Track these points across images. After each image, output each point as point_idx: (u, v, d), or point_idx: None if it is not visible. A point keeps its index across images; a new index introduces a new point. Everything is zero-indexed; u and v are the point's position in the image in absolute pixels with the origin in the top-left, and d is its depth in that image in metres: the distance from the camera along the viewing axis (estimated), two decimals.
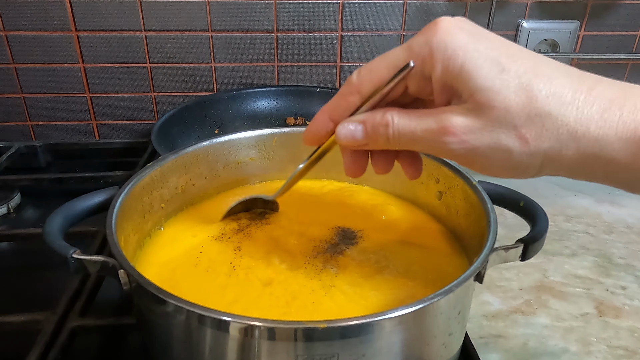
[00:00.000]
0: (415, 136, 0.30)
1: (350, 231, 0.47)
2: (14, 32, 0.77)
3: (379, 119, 0.31)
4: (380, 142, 0.32)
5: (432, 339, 0.34)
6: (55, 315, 0.45)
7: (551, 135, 0.28)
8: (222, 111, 0.81)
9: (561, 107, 0.27)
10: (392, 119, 0.31)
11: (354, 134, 0.32)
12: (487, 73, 0.28)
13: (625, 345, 0.49)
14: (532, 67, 0.28)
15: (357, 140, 0.32)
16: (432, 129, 0.29)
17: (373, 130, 0.31)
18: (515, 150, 0.28)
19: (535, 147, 0.28)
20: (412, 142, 0.31)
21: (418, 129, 0.30)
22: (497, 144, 0.28)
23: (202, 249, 0.44)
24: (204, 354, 0.31)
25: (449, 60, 0.28)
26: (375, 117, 0.31)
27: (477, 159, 0.29)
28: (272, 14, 0.80)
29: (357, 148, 0.34)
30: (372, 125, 0.31)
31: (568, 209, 0.72)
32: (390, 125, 0.31)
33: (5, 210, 0.67)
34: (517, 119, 0.27)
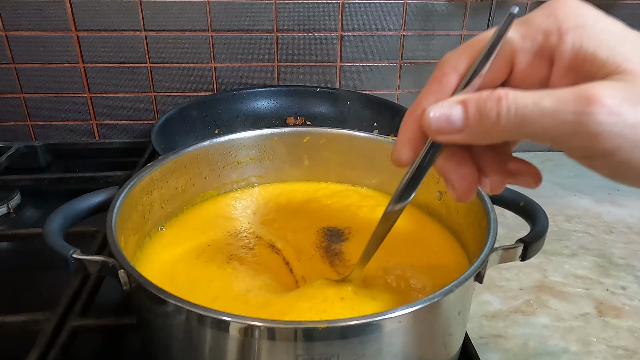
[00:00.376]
0: (541, 109, 0.22)
1: (339, 231, 0.47)
2: (14, 32, 0.77)
3: (487, 94, 0.24)
4: (487, 125, 0.24)
5: (432, 339, 0.34)
6: (55, 315, 0.45)
7: None
8: (222, 111, 0.81)
9: None
10: (507, 93, 0.23)
11: (450, 116, 0.25)
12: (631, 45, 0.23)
13: (625, 345, 0.49)
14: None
15: (452, 125, 0.25)
16: (568, 98, 0.22)
17: (478, 107, 0.24)
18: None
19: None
20: (534, 121, 0.23)
21: (546, 100, 0.22)
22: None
23: (202, 249, 0.44)
24: (204, 354, 0.31)
25: (585, 29, 0.23)
26: (482, 94, 0.24)
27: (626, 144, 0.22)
28: (272, 14, 0.80)
29: (451, 139, 0.25)
30: (477, 102, 0.24)
31: (568, 209, 0.72)
32: (504, 98, 0.23)
33: (5, 210, 0.67)
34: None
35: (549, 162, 0.88)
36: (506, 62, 0.26)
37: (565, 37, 0.24)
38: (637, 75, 0.22)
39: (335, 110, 0.82)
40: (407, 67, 0.86)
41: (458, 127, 0.25)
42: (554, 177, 0.82)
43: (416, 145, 0.28)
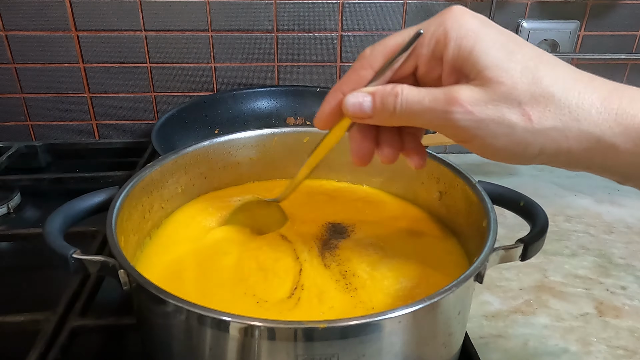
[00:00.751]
0: (422, 106, 0.30)
1: (342, 226, 0.47)
2: (14, 32, 0.77)
3: (389, 90, 0.31)
4: (387, 114, 0.32)
5: (432, 339, 0.34)
6: (55, 315, 0.45)
7: (554, 115, 0.29)
8: (222, 111, 0.80)
9: (564, 91, 0.29)
10: (402, 90, 0.31)
11: (362, 104, 0.32)
12: (496, 53, 0.29)
13: (625, 345, 0.49)
14: (537, 55, 0.30)
15: (364, 111, 0.32)
16: (440, 99, 0.30)
17: (382, 101, 0.31)
18: (518, 127, 0.29)
19: (538, 125, 0.29)
20: (418, 114, 0.31)
21: (426, 99, 0.30)
22: (502, 119, 0.29)
23: (202, 249, 0.44)
24: (204, 354, 0.31)
25: (462, 40, 0.30)
26: (386, 88, 0.32)
27: (480, 133, 0.30)
28: (272, 14, 0.80)
29: (363, 121, 0.33)
30: (382, 96, 0.31)
31: (568, 209, 0.72)
32: (399, 95, 0.31)
33: (5, 210, 0.67)
34: (522, 96, 0.29)
35: None
36: (412, 60, 0.32)
37: (448, 45, 0.30)
38: (493, 82, 0.29)
39: None
40: None
41: (368, 113, 0.32)
42: (554, 177, 0.82)
43: (334, 118, 0.35)
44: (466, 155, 0.89)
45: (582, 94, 0.29)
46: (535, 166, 0.86)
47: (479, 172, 0.83)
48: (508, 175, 0.83)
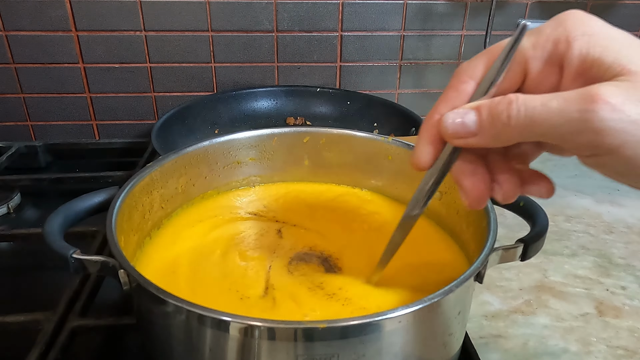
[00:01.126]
0: (549, 110, 0.24)
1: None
2: (14, 32, 0.77)
3: (499, 99, 0.26)
4: (498, 128, 0.26)
5: (432, 339, 0.34)
6: (55, 315, 0.45)
7: None
8: (222, 111, 0.81)
9: None
10: (517, 97, 0.25)
11: (464, 121, 0.27)
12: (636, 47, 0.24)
13: (625, 345, 0.49)
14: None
15: (467, 129, 0.27)
16: (573, 98, 0.24)
17: (490, 112, 0.26)
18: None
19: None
20: (543, 120, 0.24)
21: (554, 101, 0.24)
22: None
23: (202, 249, 0.44)
24: (204, 354, 0.31)
25: (591, 37, 0.25)
26: (494, 100, 0.26)
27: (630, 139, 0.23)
28: (272, 14, 0.80)
29: (466, 143, 0.27)
30: (490, 107, 0.26)
31: (568, 209, 0.72)
32: (514, 102, 0.25)
33: (5, 210, 0.67)
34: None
35: (549, 162, 0.87)
36: (519, 69, 0.27)
37: (573, 44, 0.25)
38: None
39: (335, 110, 0.82)
40: (407, 67, 0.86)
41: (472, 130, 0.27)
42: (554, 177, 0.81)
43: (435, 150, 0.29)
44: None
45: None
46: (535, 166, 0.85)
47: None
48: None
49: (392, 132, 0.74)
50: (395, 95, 0.88)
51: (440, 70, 0.88)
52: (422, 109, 0.80)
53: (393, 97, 0.88)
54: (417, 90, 0.88)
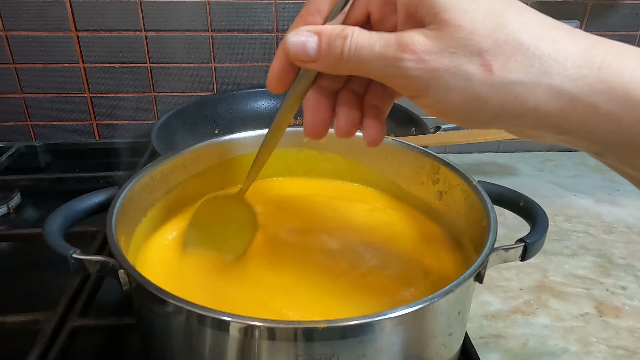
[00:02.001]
0: (372, 52, 0.26)
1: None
2: (14, 32, 0.77)
3: (339, 31, 0.27)
4: (333, 58, 0.28)
5: (432, 339, 0.34)
6: (55, 315, 0.45)
7: (520, 67, 0.25)
8: (222, 111, 0.81)
9: (535, 39, 0.25)
10: (353, 32, 0.27)
11: (306, 45, 0.28)
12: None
13: (625, 345, 0.49)
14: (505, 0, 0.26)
15: (307, 53, 0.28)
16: (392, 44, 0.26)
17: (328, 42, 0.28)
18: (476, 78, 0.25)
19: (499, 78, 0.25)
20: (368, 61, 0.27)
21: (377, 45, 0.26)
22: (458, 69, 0.25)
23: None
24: (204, 354, 0.31)
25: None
26: (335, 29, 0.28)
27: (433, 85, 0.26)
28: (272, 14, 0.80)
29: (306, 65, 0.29)
30: (329, 37, 0.28)
31: (568, 209, 0.72)
32: (349, 37, 0.27)
33: (5, 210, 0.67)
34: (483, 43, 0.25)
35: (548, 162, 0.88)
36: (362, 7, 0.29)
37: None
38: (450, 26, 0.25)
39: None
40: None
41: (312, 56, 0.28)
42: (554, 177, 0.82)
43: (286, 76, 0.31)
44: (466, 155, 0.89)
45: (558, 43, 0.25)
46: (535, 166, 0.86)
47: (479, 172, 0.83)
48: (508, 175, 0.83)
49: (392, 132, 0.74)
50: None
51: None
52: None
53: None
54: None
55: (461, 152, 0.90)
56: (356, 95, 0.33)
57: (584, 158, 0.89)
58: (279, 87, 0.31)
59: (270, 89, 0.32)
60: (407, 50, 0.26)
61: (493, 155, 0.90)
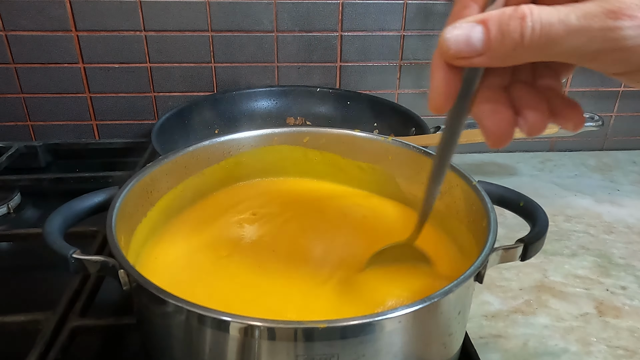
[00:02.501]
0: (569, 26, 0.22)
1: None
2: (14, 32, 0.77)
3: (511, 12, 0.23)
4: (509, 47, 0.23)
5: (432, 339, 0.34)
6: (55, 315, 0.45)
7: None
8: (222, 111, 0.80)
9: None
10: (531, 10, 0.22)
11: (470, 37, 0.23)
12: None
13: (625, 345, 0.49)
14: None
15: (472, 47, 0.23)
16: (595, 13, 0.21)
17: (500, 28, 0.23)
18: None
19: None
20: (562, 38, 0.22)
21: (572, 16, 0.22)
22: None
23: (202, 247, 0.44)
24: (204, 354, 0.31)
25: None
26: (505, 11, 0.23)
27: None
28: (272, 14, 0.80)
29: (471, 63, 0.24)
30: (500, 21, 0.23)
31: (568, 209, 0.72)
32: (528, 16, 0.22)
33: (5, 210, 0.67)
34: None
35: (549, 162, 0.88)
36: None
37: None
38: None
39: (335, 110, 0.82)
40: (407, 67, 0.86)
41: (478, 49, 0.23)
42: (554, 177, 0.82)
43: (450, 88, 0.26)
44: (466, 156, 0.89)
45: None
46: (535, 166, 0.86)
47: (479, 172, 0.83)
48: (508, 175, 0.83)
49: (392, 132, 0.74)
50: (395, 95, 0.88)
51: None
52: (422, 109, 0.80)
53: (393, 97, 0.88)
54: (417, 90, 0.88)
55: (461, 152, 0.90)
56: (528, 85, 0.28)
57: (584, 158, 0.90)
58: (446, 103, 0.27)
59: (436, 110, 0.27)
60: (622, 17, 0.21)
61: (493, 155, 0.90)
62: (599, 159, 0.89)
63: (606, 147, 0.94)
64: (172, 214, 0.48)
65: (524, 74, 0.28)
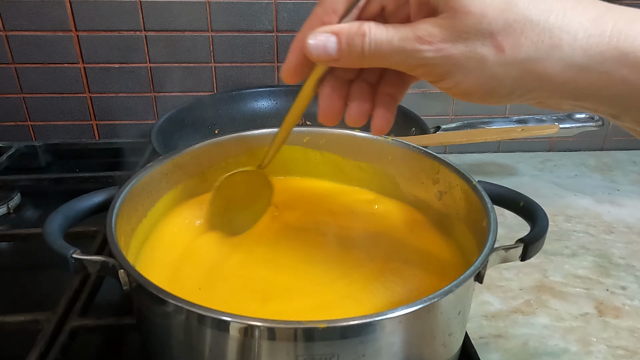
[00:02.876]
0: (392, 46, 0.28)
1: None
2: (14, 32, 0.77)
3: (356, 29, 0.29)
4: (355, 56, 0.29)
5: (432, 339, 0.34)
6: (55, 315, 0.45)
7: (530, 43, 0.26)
8: (222, 111, 0.80)
9: (544, 12, 0.26)
10: (370, 29, 0.29)
11: (327, 45, 0.30)
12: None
13: (625, 345, 0.49)
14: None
15: (329, 54, 0.30)
16: (409, 38, 0.28)
17: (348, 41, 0.29)
18: (489, 59, 0.27)
19: (511, 56, 0.26)
20: (388, 55, 0.29)
21: (395, 39, 0.28)
22: (472, 52, 0.27)
23: (202, 248, 0.44)
24: (204, 354, 0.31)
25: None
26: (352, 27, 0.29)
27: (451, 70, 0.28)
28: (272, 14, 0.80)
29: (329, 64, 0.31)
30: (348, 36, 0.29)
31: (568, 209, 0.72)
32: (367, 34, 0.28)
33: (5, 210, 0.67)
34: (493, 25, 0.26)
35: (549, 162, 0.88)
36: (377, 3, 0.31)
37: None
38: (461, 12, 0.26)
39: None
40: None
41: (333, 56, 0.30)
42: (554, 177, 0.82)
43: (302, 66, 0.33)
44: (466, 155, 0.89)
45: (568, 14, 0.26)
46: (535, 166, 0.86)
47: (479, 172, 0.83)
48: (508, 175, 0.83)
49: (392, 132, 0.74)
50: None
51: None
52: (422, 109, 0.80)
53: None
54: (417, 90, 0.88)
55: (461, 152, 0.90)
56: (369, 85, 0.34)
57: (584, 158, 0.90)
58: (294, 79, 0.33)
59: (286, 81, 0.34)
60: (424, 42, 0.27)
61: (493, 155, 0.90)
62: (599, 159, 0.89)
63: (606, 147, 0.94)
64: (172, 214, 0.48)
65: (370, 75, 0.34)
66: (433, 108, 0.87)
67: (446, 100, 0.87)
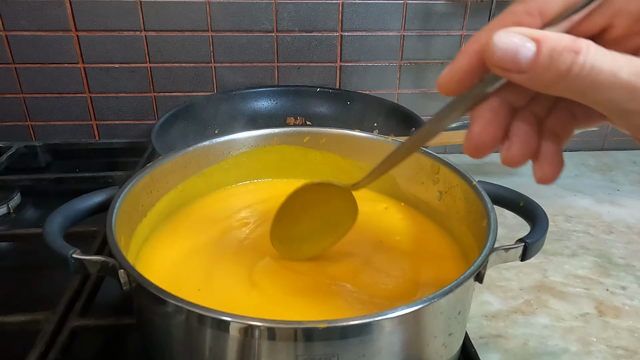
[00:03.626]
0: (615, 79, 0.21)
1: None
2: (14, 32, 0.77)
3: (568, 42, 0.21)
4: (551, 75, 0.21)
5: (432, 339, 0.34)
6: (55, 315, 0.45)
7: None
8: (222, 111, 0.80)
9: None
10: (588, 47, 0.21)
11: (519, 51, 0.21)
12: None
13: (625, 345, 0.49)
14: None
15: (517, 62, 0.22)
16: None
17: (552, 54, 0.21)
18: None
19: None
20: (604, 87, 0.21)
21: (624, 70, 0.20)
22: None
23: (202, 248, 0.44)
24: (204, 354, 0.31)
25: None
26: (562, 38, 0.21)
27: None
28: (272, 14, 0.80)
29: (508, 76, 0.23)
30: (554, 48, 0.21)
31: (568, 209, 0.72)
32: (582, 52, 0.21)
33: (5, 210, 0.67)
34: None
35: None
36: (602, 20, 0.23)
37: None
38: None
39: (335, 110, 0.82)
40: (407, 67, 0.86)
41: (522, 67, 0.22)
42: None
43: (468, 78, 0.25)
44: (466, 155, 0.89)
45: None
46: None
47: (479, 172, 0.83)
48: (508, 175, 0.83)
49: (392, 132, 0.74)
50: (395, 95, 0.88)
51: (440, 70, 0.87)
52: (422, 109, 0.80)
53: (393, 97, 0.88)
54: (417, 90, 0.88)
55: (461, 152, 0.90)
56: (537, 118, 0.27)
57: (584, 158, 0.90)
58: (454, 90, 0.26)
59: (442, 91, 0.26)
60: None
61: (493, 155, 0.90)
62: (599, 159, 0.89)
63: (606, 147, 0.94)
64: (172, 214, 0.48)
65: (539, 107, 0.27)
66: (433, 108, 0.87)
67: (446, 100, 0.87)
